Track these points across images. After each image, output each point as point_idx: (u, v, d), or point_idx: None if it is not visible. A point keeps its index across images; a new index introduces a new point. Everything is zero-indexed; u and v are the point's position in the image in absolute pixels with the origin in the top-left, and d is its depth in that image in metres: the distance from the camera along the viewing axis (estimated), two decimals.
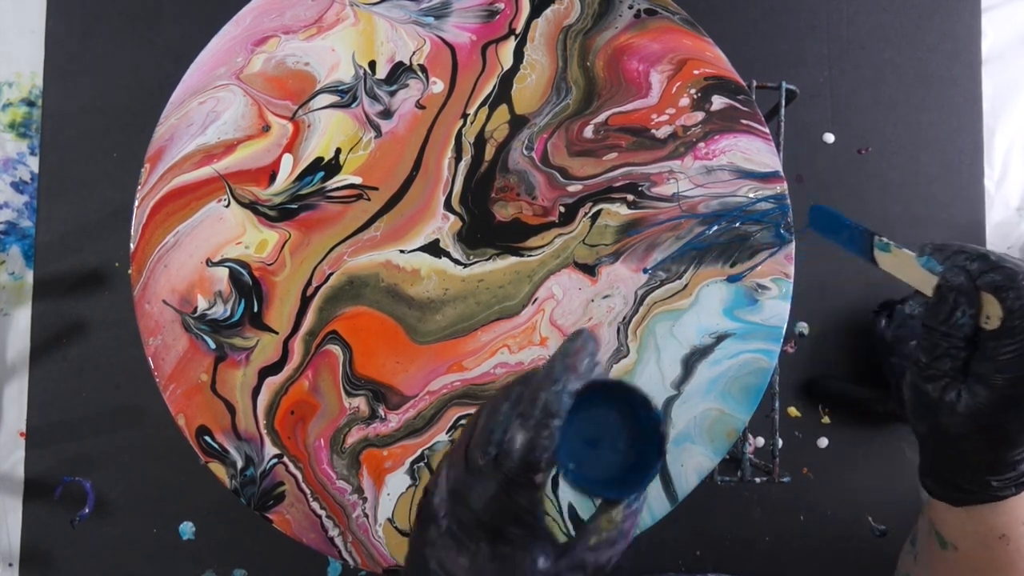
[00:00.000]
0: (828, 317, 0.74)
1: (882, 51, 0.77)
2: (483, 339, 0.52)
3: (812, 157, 0.76)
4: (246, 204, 0.53)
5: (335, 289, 0.53)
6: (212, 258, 0.53)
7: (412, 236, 0.53)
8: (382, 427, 0.52)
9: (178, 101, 0.54)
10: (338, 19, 0.55)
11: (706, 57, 0.55)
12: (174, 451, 0.69)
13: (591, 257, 0.53)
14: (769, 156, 0.54)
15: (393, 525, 0.51)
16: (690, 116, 0.54)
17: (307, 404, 0.52)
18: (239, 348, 0.52)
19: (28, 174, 0.74)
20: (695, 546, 0.72)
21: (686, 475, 0.51)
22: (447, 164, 0.54)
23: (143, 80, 0.74)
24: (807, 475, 0.72)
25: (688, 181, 0.54)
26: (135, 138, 0.59)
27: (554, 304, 0.53)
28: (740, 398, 0.52)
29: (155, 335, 0.52)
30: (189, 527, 0.71)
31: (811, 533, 0.72)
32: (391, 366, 0.52)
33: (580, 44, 0.55)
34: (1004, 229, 0.76)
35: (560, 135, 0.54)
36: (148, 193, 0.53)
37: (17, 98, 0.75)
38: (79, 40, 0.75)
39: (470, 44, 0.55)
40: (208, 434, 0.52)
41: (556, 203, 0.54)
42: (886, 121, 0.76)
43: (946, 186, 0.76)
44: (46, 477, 0.71)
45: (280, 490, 0.51)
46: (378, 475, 0.52)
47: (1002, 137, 0.77)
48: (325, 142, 0.54)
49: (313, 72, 0.54)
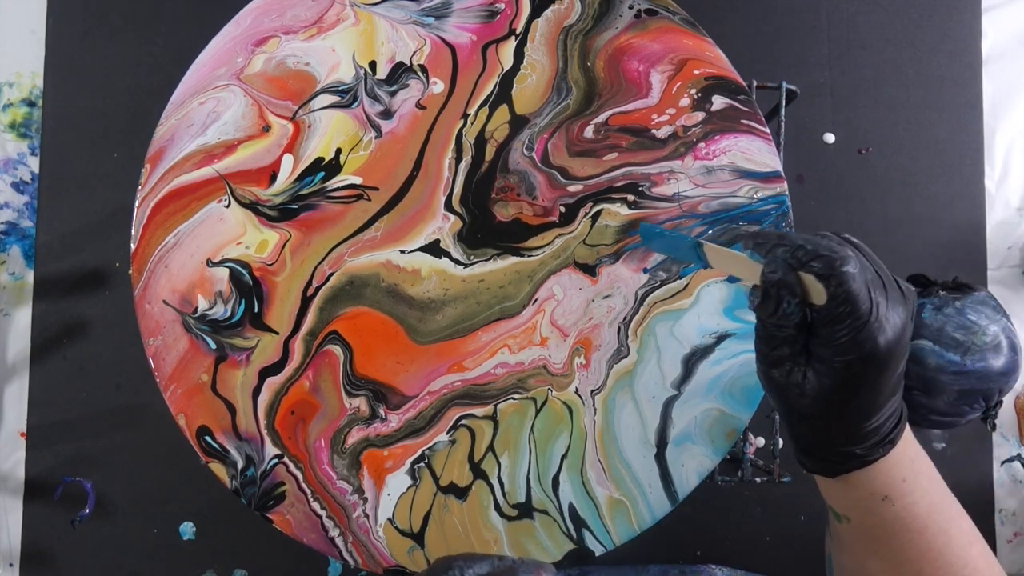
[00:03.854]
0: None
1: (882, 51, 0.77)
2: (483, 339, 0.53)
3: (812, 157, 0.76)
4: (247, 204, 0.53)
5: (335, 289, 0.53)
6: (213, 258, 0.53)
7: (413, 236, 0.53)
8: (382, 427, 0.52)
9: (178, 101, 0.54)
10: (338, 19, 0.55)
11: (706, 57, 0.55)
12: (174, 451, 0.69)
13: (591, 257, 0.53)
14: (769, 156, 0.54)
15: (393, 525, 0.51)
16: (690, 116, 0.54)
17: (308, 404, 0.52)
18: (240, 348, 0.52)
19: (28, 174, 0.74)
20: (695, 546, 0.72)
21: (687, 475, 0.51)
22: (447, 164, 0.54)
23: (143, 80, 0.74)
24: (807, 475, 0.72)
25: (688, 181, 0.54)
26: (135, 138, 0.59)
27: (555, 304, 0.53)
28: (741, 398, 0.52)
29: (155, 335, 0.52)
30: (189, 527, 0.71)
31: (811, 533, 0.72)
32: (391, 366, 0.52)
33: (580, 44, 0.55)
34: (1004, 229, 0.76)
35: (560, 135, 0.54)
36: (148, 193, 0.53)
37: (17, 98, 0.75)
38: (79, 40, 0.75)
39: (470, 44, 0.55)
40: (209, 434, 0.52)
41: (556, 203, 0.54)
42: (886, 121, 0.76)
43: (946, 186, 0.76)
44: (46, 477, 0.71)
45: (280, 490, 0.51)
46: (378, 475, 0.52)
47: (1002, 137, 0.77)
48: (325, 142, 0.54)
49: (313, 72, 0.54)
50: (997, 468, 0.74)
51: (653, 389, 0.52)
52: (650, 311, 0.53)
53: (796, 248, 0.38)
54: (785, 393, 0.41)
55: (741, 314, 0.52)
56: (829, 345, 0.38)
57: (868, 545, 0.45)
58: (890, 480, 0.42)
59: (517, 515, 0.51)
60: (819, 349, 0.39)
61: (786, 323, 0.39)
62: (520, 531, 0.51)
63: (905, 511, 0.43)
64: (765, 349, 0.41)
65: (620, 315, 0.53)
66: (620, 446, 0.51)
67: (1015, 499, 0.74)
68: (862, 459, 0.42)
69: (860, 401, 0.40)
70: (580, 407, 0.52)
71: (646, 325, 0.53)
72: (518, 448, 0.52)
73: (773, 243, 0.39)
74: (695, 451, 0.51)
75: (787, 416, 0.43)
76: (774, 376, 0.41)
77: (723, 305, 0.53)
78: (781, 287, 0.38)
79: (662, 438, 0.52)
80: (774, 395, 0.42)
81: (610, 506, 0.51)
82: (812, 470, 0.44)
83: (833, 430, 0.41)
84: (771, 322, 0.39)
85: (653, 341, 0.52)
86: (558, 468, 0.51)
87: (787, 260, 0.38)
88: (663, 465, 0.51)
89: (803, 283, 0.38)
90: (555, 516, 0.51)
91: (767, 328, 0.40)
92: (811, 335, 0.39)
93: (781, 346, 0.40)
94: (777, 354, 0.40)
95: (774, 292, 0.39)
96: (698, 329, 0.52)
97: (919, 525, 0.43)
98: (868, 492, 0.43)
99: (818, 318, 0.38)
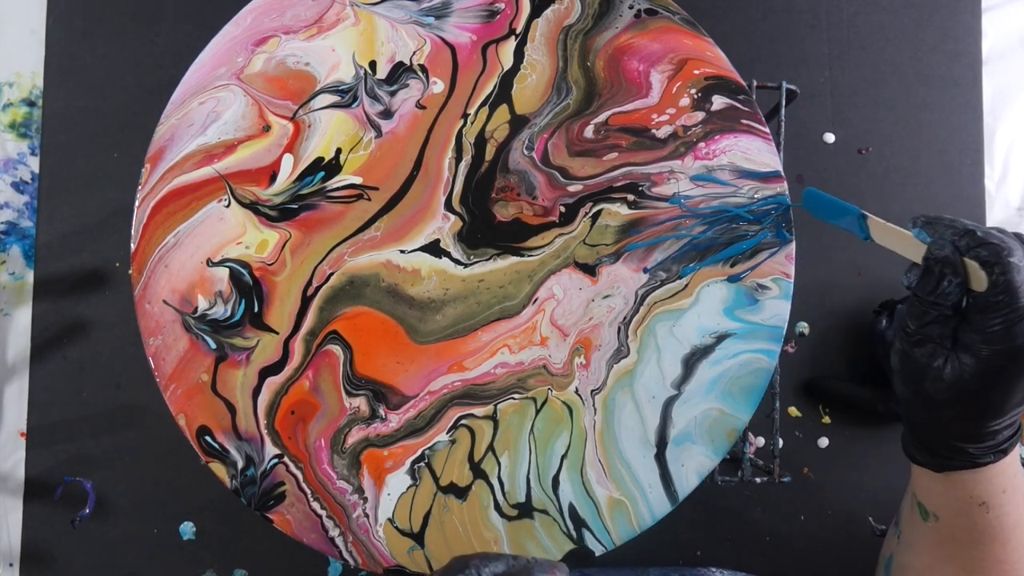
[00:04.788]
0: (828, 317, 0.74)
1: (882, 51, 0.77)
2: (484, 339, 0.53)
3: (812, 157, 0.76)
4: (247, 204, 0.53)
5: (335, 289, 0.53)
6: (213, 258, 0.53)
7: (413, 236, 0.53)
8: (382, 427, 0.52)
9: (178, 101, 0.54)
10: (338, 19, 0.55)
11: (706, 57, 0.55)
12: (174, 451, 0.69)
13: (592, 257, 0.53)
14: (769, 156, 0.54)
15: (393, 525, 0.51)
16: (690, 116, 0.54)
17: (308, 404, 0.52)
18: (240, 348, 0.52)
19: (28, 174, 0.74)
20: (695, 546, 0.72)
21: (686, 475, 0.51)
22: (447, 164, 0.54)
23: (143, 80, 0.74)
24: (807, 475, 0.72)
25: (688, 181, 0.54)
26: (135, 138, 0.59)
27: (555, 304, 0.53)
28: (740, 398, 0.52)
29: (155, 335, 0.52)
30: (189, 527, 0.71)
31: (811, 533, 0.72)
32: (392, 366, 0.52)
33: (580, 44, 0.55)
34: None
35: (560, 135, 0.54)
36: (148, 193, 0.53)
37: (17, 98, 0.75)
38: (79, 40, 0.75)
39: (470, 44, 0.55)
40: (208, 434, 0.52)
41: (556, 203, 0.54)
42: (886, 121, 0.76)
43: (946, 186, 0.76)
44: (46, 477, 0.71)
45: (280, 490, 0.51)
46: (379, 475, 0.52)
47: (1002, 137, 0.77)
48: (326, 142, 0.54)
49: (313, 72, 0.54)
50: None
51: (653, 389, 0.52)
52: (650, 311, 0.53)
53: (966, 232, 0.39)
54: (922, 375, 0.40)
55: (741, 314, 0.52)
56: (981, 332, 0.38)
57: (948, 547, 0.45)
58: (992, 488, 0.43)
59: (517, 515, 0.51)
60: (968, 335, 0.39)
61: (943, 302, 0.39)
62: (520, 531, 0.51)
63: (996, 520, 0.43)
64: (914, 325, 0.41)
65: (620, 315, 0.53)
66: (620, 446, 0.51)
67: None
68: (973, 460, 0.42)
69: (993, 397, 0.40)
70: (580, 407, 0.52)
71: (646, 325, 0.53)
72: (518, 448, 0.52)
73: (944, 224, 0.40)
74: (695, 451, 0.51)
75: (913, 400, 0.42)
76: (915, 355, 0.41)
77: (723, 305, 0.53)
78: (945, 264, 0.39)
79: (662, 438, 0.52)
80: (908, 376, 0.42)
81: (610, 506, 0.51)
82: (920, 462, 0.44)
83: (957, 423, 0.41)
84: (929, 299, 0.39)
85: (653, 341, 0.52)
86: (558, 468, 0.51)
87: (955, 242, 0.39)
88: (663, 465, 0.51)
89: (967, 268, 0.38)
90: (555, 516, 0.51)
91: (923, 304, 0.40)
92: (963, 322, 0.39)
93: (931, 324, 0.40)
94: (926, 332, 0.40)
95: (937, 269, 0.39)
96: (698, 329, 0.52)
97: (1004, 536, 0.43)
98: (968, 495, 0.43)
99: (974, 305, 0.38)
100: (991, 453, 0.42)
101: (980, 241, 0.38)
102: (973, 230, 0.39)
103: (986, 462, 0.42)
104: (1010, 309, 0.37)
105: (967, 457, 0.42)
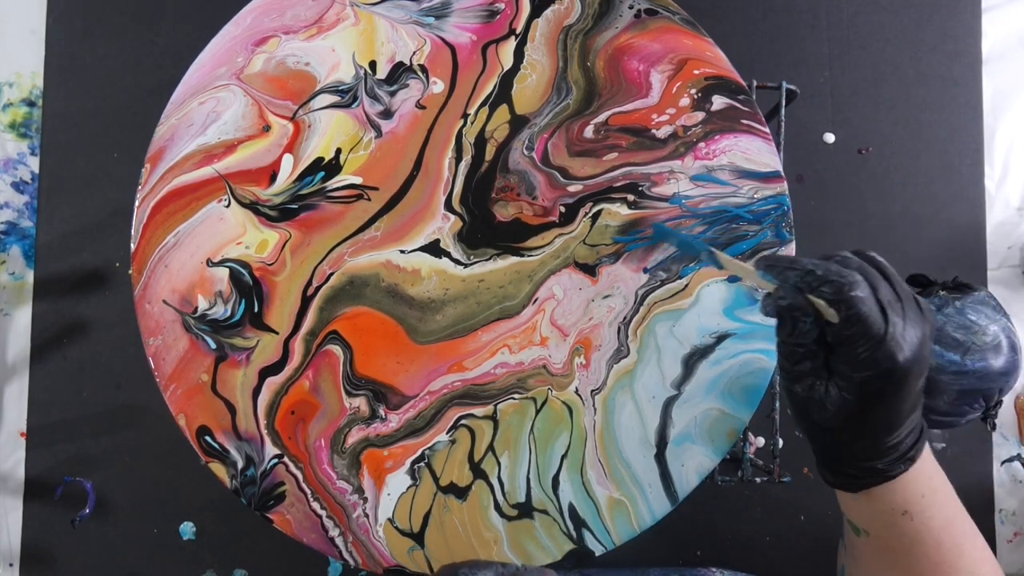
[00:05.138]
0: None
1: (882, 51, 0.77)
2: (484, 339, 0.52)
3: (812, 157, 0.76)
4: (247, 204, 0.53)
5: (335, 289, 0.53)
6: (213, 258, 0.53)
7: (412, 236, 0.53)
8: (382, 427, 0.52)
9: (178, 101, 0.54)
10: (338, 19, 0.55)
11: (706, 57, 0.55)
12: (174, 451, 0.69)
13: (591, 257, 0.53)
14: (769, 156, 0.54)
15: (393, 525, 0.51)
16: (690, 116, 0.54)
17: (307, 404, 0.52)
18: (239, 348, 0.52)
19: (28, 174, 0.74)
20: (695, 546, 0.72)
21: (687, 475, 0.51)
22: (447, 164, 0.54)
23: (143, 80, 0.74)
24: (807, 475, 0.72)
25: (688, 181, 0.54)
26: (135, 138, 0.59)
27: (555, 304, 0.53)
28: (741, 398, 0.52)
29: (155, 335, 0.52)
30: (189, 527, 0.71)
31: (811, 533, 0.72)
32: (392, 366, 0.52)
33: (580, 44, 0.55)
34: (1004, 229, 0.76)
35: (560, 135, 0.54)
36: (148, 193, 0.53)
37: (17, 98, 0.75)
38: (79, 40, 0.75)
39: (470, 44, 0.55)
40: (208, 434, 0.51)
41: (556, 203, 0.54)
42: (886, 121, 0.76)
43: (946, 186, 0.76)
44: (46, 477, 0.71)
45: (280, 490, 0.51)
46: (378, 475, 0.52)
47: (1002, 137, 0.77)
48: (325, 142, 0.54)
49: (313, 72, 0.54)
50: (997, 468, 0.74)
51: (653, 389, 0.52)
52: (650, 311, 0.53)
53: (806, 273, 0.39)
54: (808, 407, 0.41)
55: (741, 314, 0.52)
56: (848, 362, 0.39)
57: (884, 558, 0.46)
58: (910, 495, 0.43)
59: (517, 515, 0.51)
60: (839, 365, 0.40)
61: (804, 340, 0.40)
62: (520, 531, 0.51)
63: (923, 525, 0.43)
64: (787, 365, 0.42)
65: (620, 315, 0.53)
66: (620, 446, 0.51)
67: (1015, 499, 0.74)
68: (884, 474, 0.42)
69: (880, 416, 0.40)
70: (580, 407, 0.52)
71: (646, 325, 0.53)
72: (518, 448, 0.52)
73: (784, 266, 0.40)
74: (695, 451, 0.51)
75: (810, 431, 0.43)
76: (796, 391, 0.41)
77: (723, 305, 0.53)
78: (793, 309, 0.39)
79: (662, 438, 0.52)
80: (797, 410, 0.43)
81: (610, 506, 0.51)
82: (834, 485, 0.45)
83: (855, 445, 0.42)
84: (791, 341, 0.40)
85: (653, 341, 0.52)
86: (558, 468, 0.51)
87: (797, 285, 0.39)
88: (663, 465, 0.51)
89: (815, 304, 0.39)
90: (555, 516, 0.51)
91: (787, 345, 0.41)
92: (831, 352, 0.40)
93: (802, 361, 0.41)
94: (799, 369, 0.41)
95: (787, 315, 0.40)
96: (698, 329, 0.52)
97: (934, 539, 0.44)
98: (889, 507, 0.43)
99: (835, 337, 0.39)
100: (899, 463, 0.42)
101: (822, 280, 0.39)
102: (812, 270, 0.39)
103: (897, 472, 0.42)
104: (866, 337, 0.38)
105: (877, 473, 0.42)
